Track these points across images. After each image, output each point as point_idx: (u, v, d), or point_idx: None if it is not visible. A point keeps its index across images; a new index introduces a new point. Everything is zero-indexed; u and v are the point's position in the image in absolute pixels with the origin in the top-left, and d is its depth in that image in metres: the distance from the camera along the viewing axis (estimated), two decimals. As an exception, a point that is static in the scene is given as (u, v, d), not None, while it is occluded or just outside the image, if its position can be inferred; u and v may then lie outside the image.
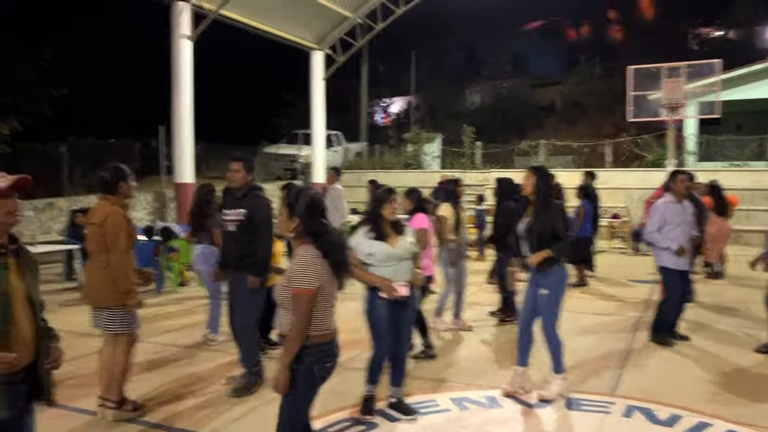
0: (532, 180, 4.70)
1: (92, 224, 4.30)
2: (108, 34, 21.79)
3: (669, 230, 6.06)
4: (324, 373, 3.03)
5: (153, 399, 4.79)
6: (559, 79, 30.19)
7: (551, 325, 4.79)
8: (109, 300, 4.26)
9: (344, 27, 18.14)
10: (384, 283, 4.17)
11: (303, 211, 2.96)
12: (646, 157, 18.07)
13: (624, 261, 12.51)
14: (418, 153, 20.57)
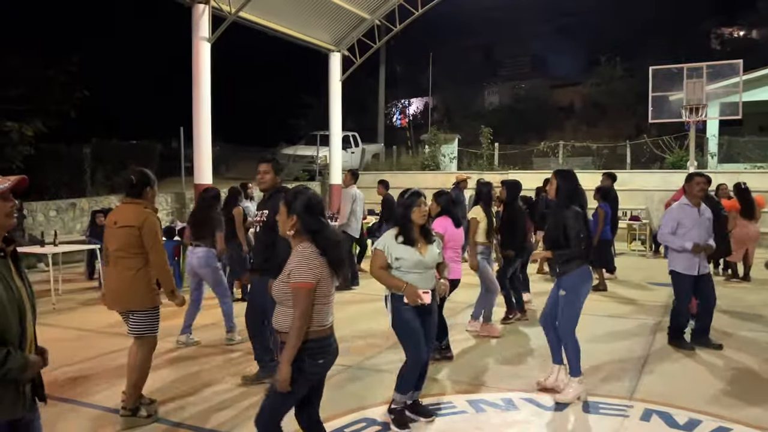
0: (555, 184, 4.83)
1: (124, 226, 4.29)
2: (130, 37, 22.07)
3: (683, 233, 5.96)
4: (316, 369, 3.07)
5: (170, 397, 4.85)
6: (578, 79, 29.96)
7: (568, 327, 4.80)
8: (141, 302, 4.30)
9: (362, 28, 18.19)
10: (409, 289, 4.08)
11: (301, 210, 3.05)
12: (666, 158, 17.87)
13: (643, 263, 12.39)
14: (435, 154, 20.54)
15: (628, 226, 14.29)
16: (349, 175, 10.09)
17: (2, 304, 2.27)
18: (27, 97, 14.69)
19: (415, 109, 33.99)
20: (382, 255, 4.16)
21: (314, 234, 3.06)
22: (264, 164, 4.99)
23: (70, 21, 19.41)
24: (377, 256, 4.20)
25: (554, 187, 4.82)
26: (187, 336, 6.36)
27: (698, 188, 6.01)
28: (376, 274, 4.19)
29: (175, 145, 17.32)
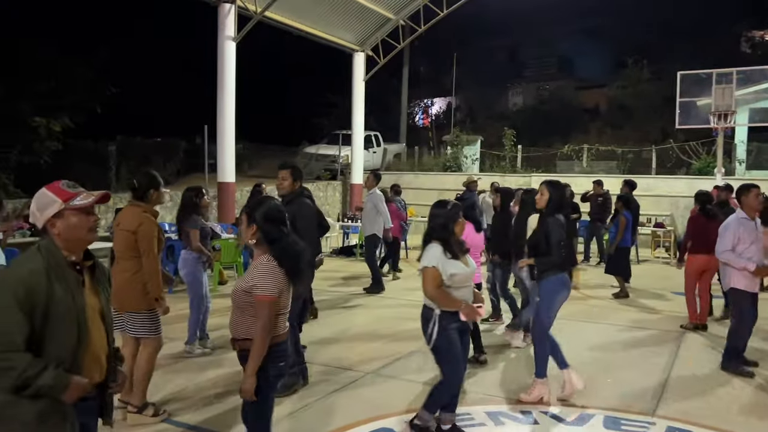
0: (546, 195, 4.87)
1: (123, 230, 4.36)
2: (156, 36, 22.31)
3: (742, 250, 5.58)
4: (277, 372, 3.18)
5: (183, 400, 4.88)
6: (604, 81, 29.60)
7: (540, 330, 4.94)
8: (136, 304, 4.34)
9: (387, 29, 18.17)
10: (468, 306, 3.98)
11: (261, 219, 3.14)
12: (693, 164, 17.56)
13: (667, 272, 12.16)
14: (457, 155, 20.43)
15: (652, 232, 14.10)
16: (372, 177, 10.03)
17: (57, 318, 2.22)
18: (55, 92, 14.92)
19: (438, 109, 33.89)
20: (437, 273, 3.92)
21: (272, 243, 3.14)
22: (283, 171, 5.09)
23: (97, 18, 19.67)
24: (432, 275, 3.93)
25: (545, 197, 4.89)
26: (191, 345, 6.09)
27: (757, 200, 5.70)
28: (433, 293, 3.93)
29: (198, 142, 17.48)
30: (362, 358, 5.98)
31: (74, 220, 2.34)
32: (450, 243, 4.01)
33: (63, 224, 2.33)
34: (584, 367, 5.81)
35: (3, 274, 2.24)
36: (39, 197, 2.36)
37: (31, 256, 2.30)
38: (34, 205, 2.34)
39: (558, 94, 30.40)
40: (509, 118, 27.25)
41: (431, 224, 4.13)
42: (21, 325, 2.15)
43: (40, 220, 2.34)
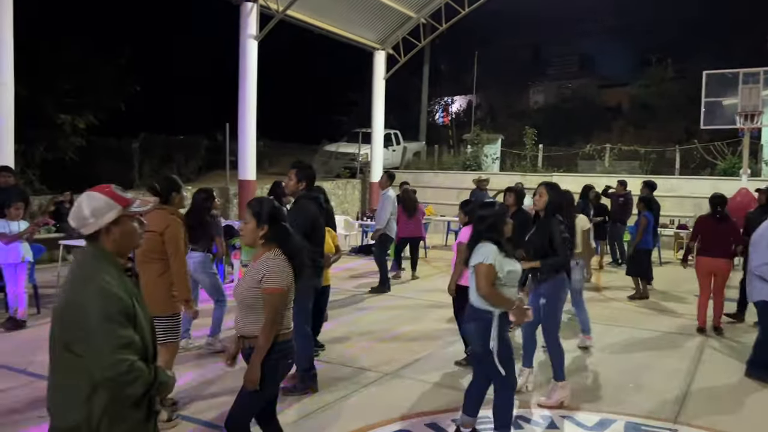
0: (545, 197, 4.95)
1: (149, 231, 4.34)
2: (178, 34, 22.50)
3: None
4: (285, 371, 3.31)
5: (201, 398, 4.92)
6: (626, 80, 29.23)
7: (552, 333, 4.96)
8: (162, 308, 4.28)
9: (408, 27, 18.14)
10: (520, 306, 3.93)
11: (268, 219, 3.22)
12: (717, 164, 17.27)
13: (690, 274, 11.97)
14: (477, 154, 20.32)
15: (675, 234, 13.90)
16: (385, 177, 10.02)
17: (141, 322, 2.26)
18: (80, 90, 15.14)
19: (458, 107, 33.75)
20: (493, 270, 3.83)
21: (283, 241, 3.23)
22: (291, 170, 5.10)
23: (121, 17, 19.89)
24: (488, 272, 3.83)
25: (544, 198, 4.95)
26: (186, 340, 6.07)
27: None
28: (488, 291, 3.83)
29: (220, 139, 17.62)
30: (381, 358, 5.98)
31: (130, 226, 2.33)
32: (502, 242, 3.99)
33: (119, 230, 2.28)
34: (605, 371, 5.78)
35: (93, 285, 2.15)
36: (94, 202, 2.25)
37: (99, 264, 2.23)
38: (87, 211, 2.24)
39: (580, 92, 30.09)
40: (530, 117, 27.01)
41: (481, 225, 4.07)
42: (132, 334, 2.20)
43: (93, 226, 2.24)
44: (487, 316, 3.85)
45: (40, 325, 6.91)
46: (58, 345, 2.18)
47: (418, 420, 4.54)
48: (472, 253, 4.00)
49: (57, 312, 2.21)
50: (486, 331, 3.82)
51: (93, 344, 2.10)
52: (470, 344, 3.98)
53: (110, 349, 2.11)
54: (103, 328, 2.11)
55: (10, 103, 9.57)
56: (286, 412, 4.56)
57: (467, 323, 4.05)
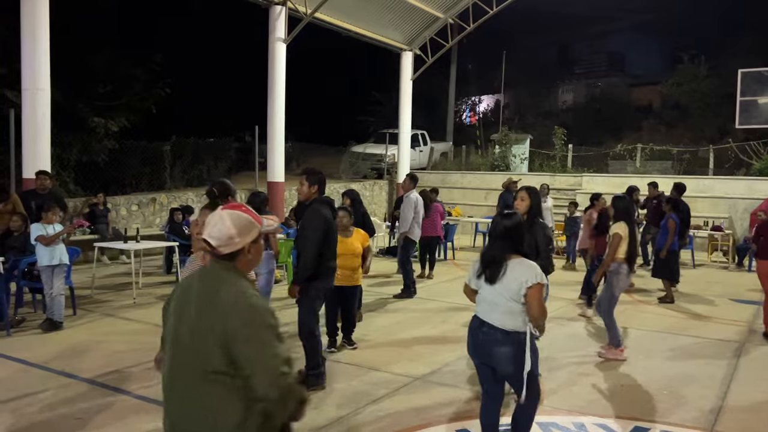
0: (528, 201, 4.99)
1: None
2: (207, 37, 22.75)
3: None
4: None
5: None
6: (657, 78, 28.72)
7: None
8: None
9: (435, 27, 18.10)
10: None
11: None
12: (753, 164, 16.87)
13: (725, 277, 11.79)
14: (505, 154, 20.19)
15: (709, 236, 13.63)
16: (408, 180, 9.93)
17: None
18: (113, 94, 15.43)
19: (486, 107, 33.55)
20: (540, 286, 3.66)
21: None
22: (302, 177, 5.21)
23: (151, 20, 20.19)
24: (541, 292, 3.64)
25: (527, 203, 4.99)
26: None
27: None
28: (544, 312, 3.65)
29: (248, 140, 17.80)
30: (409, 363, 5.97)
31: (261, 245, 2.32)
32: (530, 255, 3.86)
33: (255, 249, 2.26)
34: (637, 377, 5.69)
35: (249, 303, 2.10)
36: (240, 221, 2.20)
37: (242, 281, 2.20)
38: (235, 230, 2.17)
39: (609, 91, 29.65)
40: (558, 116, 26.74)
41: (518, 240, 3.79)
42: (287, 350, 2.13)
43: (237, 245, 2.18)
44: (521, 338, 3.65)
45: (77, 326, 7.07)
46: (205, 364, 2.06)
47: (448, 426, 4.53)
48: (507, 269, 3.67)
49: (205, 329, 2.07)
50: (522, 353, 3.62)
51: (265, 359, 2.03)
52: (499, 367, 3.69)
53: (279, 362, 2.03)
54: (272, 341, 2.06)
55: (47, 107, 9.80)
56: (315, 418, 4.58)
57: (498, 348, 3.66)
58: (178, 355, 2.14)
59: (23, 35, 9.63)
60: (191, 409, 2.09)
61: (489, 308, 3.71)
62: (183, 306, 2.19)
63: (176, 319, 2.19)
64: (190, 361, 2.09)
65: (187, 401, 2.09)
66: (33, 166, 9.42)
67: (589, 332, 7.38)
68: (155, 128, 16.35)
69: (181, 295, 2.25)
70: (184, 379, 2.11)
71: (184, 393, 2.11)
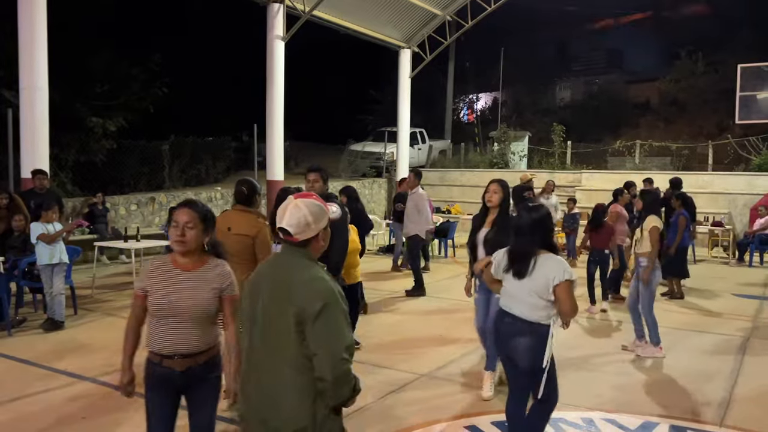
0: (500, 194, 4.94)
1: (240, 234, 4.42)
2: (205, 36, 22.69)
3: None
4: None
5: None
6: (655, 75, 28.71)
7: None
8: None
9: (433, 25, 18.05)
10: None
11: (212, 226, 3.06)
12: (752, 160, 16.87)
13: (726, 272, 11.77)
14: (504, 152, 20.17)
15: (709, 231, 13.62)
16: (413, 176, 9.87)
17: None
18: (111, 94, 15.36)
19: (484, 104, 33.49)
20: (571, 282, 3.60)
21: (215, 247, 3.11)
22: (313, 173, 5.15)
23: (148, 19, 20.12)
24: (571, 287, 3.56)
25: (499, 195, 4.96)
26: None
27: None
28: (576, 307, 3.57)
29: (246, 139, 17.75)
30: (415, 359, 5.94)
31: (329, 231, 2.41)
32: (558, 250, 3.78)
33: (325, 235, 2.37)
34: (647, 373, 5.67)
35: (325, 286, 2.22)
36: (314, 208, 2.29)
37: (317, 266, 2.31)
38: (311, 217, 2.27)
39: (607, 88, 29.60)
40: (557, 113, 26.70)
41: (547, 235, 3.73)
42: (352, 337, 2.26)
43: (312, 232, 2.29)
44: (543, 330, 3.57)
45: (78, 326, 7.03)
46: (283, 344, 2.18)
47: (456, 422, 4.50)
48: (535, 265, 3.58)
49: (282, 311, 2.19)
50: (542, 346, 3.56)
51: (332, 341, 2.14)
52: (518, 360, 3.63)
53: (343, 348, 2.14)
54: (343, 326, 2.16)
55: (45, 106, 9.73)
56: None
57: (518, 338, 3.61)
58: (257, 337, 2.25)
59: (21, 34, 9.56)
60: (281, 376, 2.19)
61: (513, 301, 3.68)
62: (257, 292, 2.30)
63: (251, 304, 2.30)
64: (269, 341, 2.22)
65: (268, 379, 2.21)
66: (31, 166, 9.34)
67: (593, 328, 7.36)
68: (153, 128, 16.30)
69: (255, 282, 2.35)
70: (264, 359, 2.22)
71: (264, 371, 2.23)
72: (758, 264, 12.39)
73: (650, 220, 6.24)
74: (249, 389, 2.30)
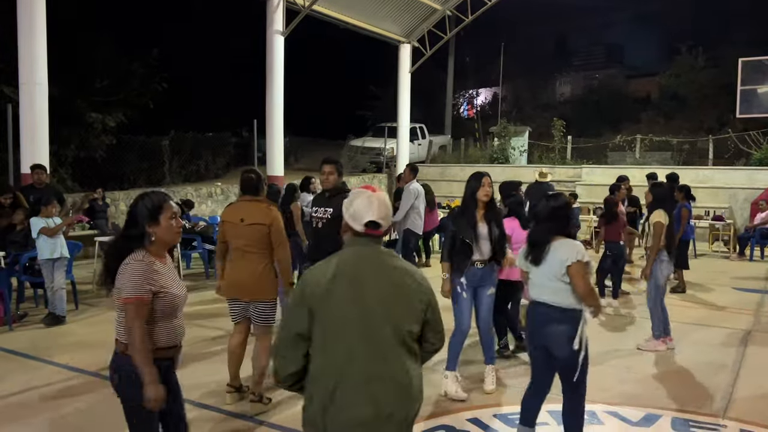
0: (491, 187, 4.89)
1: (256, 223, 4.48)
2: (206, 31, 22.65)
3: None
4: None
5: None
6: (655, 69, 28.71)
7: (491, 321, 5.06)
8: (271, 293, 4.55)
9: (433, 19, 18.02)
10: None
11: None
12: (753, 154, 16.85)
13: (727, 266, 11.77)
14: (504, 147, 20.14)
15: (710, 226, 13.61)
16: (408, 171, 9.79)
17: None
18: (110, 89, 15.32)
19: (484, 99, 33.46)
20: (585, 266, 3.63)
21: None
22: (329, 165, 5.09)
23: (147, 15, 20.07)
24: (584, 268, 3.60)
25: (491, 189, 4.95)
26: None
27: None
28: (591, 289, 3.61)
29: (246, 134, 17.73)
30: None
31: None
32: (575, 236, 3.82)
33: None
34: (651, 366, 5.67)
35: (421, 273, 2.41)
36: (389, 202, 2.41)
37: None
38: (391, 209, 2.40)
39: (607, 83, 29.64)
40: (557, 108, 26.71)
41: (564, 222, 3.76)
42: None
43: (390, 223, 2.39)
44: (576, 315, 3.60)
45: (80, 321, 7.02)
46: (403, 331, 2.26)
47: (459, 415, 4.49)
48: (550, 250, 3.65)
49: (404, 301, 2.28)
50: (575, 332, 3.58)
51: (440, 320, 2.39)
52: (555, 349, 3.66)
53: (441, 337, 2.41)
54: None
55: (44, 101, 9.71)
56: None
57: (555, 326, 3.62)
58: (368, 327, 2.21)
59: (20, 29, 9.54)
60: (391, 370, 2.23)
61: (540, 289, 3.73)
62: (359, 285, 2.24)
63: (356, 297, 2.22)
64: (386, 338, 2.23)
65: (386, 364, 2.23)
66: (31, 161, 9.31)
67: (598, 321, 7.34)
68: (153, 123, 16.26)
69: (351, 277, 2.25)
70: (380, 348, 2.23)
71: (388, 367, 2.24)
72: (759, 258, 12.39)
73: (655, 215, 6.22)
74: (375, 389, 2.21)
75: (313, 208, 5.19)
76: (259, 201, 4.61)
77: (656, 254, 6.07)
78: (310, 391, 2.24)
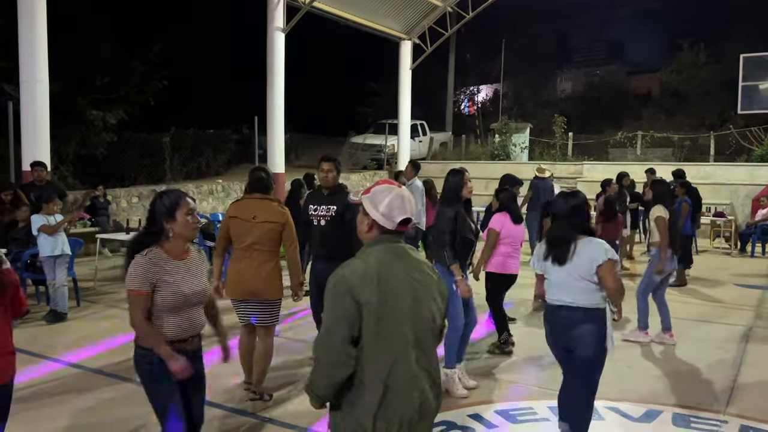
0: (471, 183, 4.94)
1: (269, 222, 4.45)
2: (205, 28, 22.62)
3: None
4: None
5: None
6: (656, 66, 28.66)
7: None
8: (275, 292, 4.53)
9: (434, 16, 17.98)
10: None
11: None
12: (754, 150, 16.83)
13: (728, 262, 11.76)
14: (505, 143, 20.12)
15: (711, 222, 13.60)
16: (410, 167, 9.78)
17: None
18: (111, 86, 15.30)
19: (485, 96, 33.42)
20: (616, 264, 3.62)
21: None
22: (327, 163, 5.07)
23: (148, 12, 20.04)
24: (615, 267, 3.58)
25: (473, 186, 5.05)
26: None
27: None
28: (621, 286, 3.57)
29: (246, 131, 17.71)
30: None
31: None
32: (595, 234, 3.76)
33: None
34: (651, 362, 5.68)
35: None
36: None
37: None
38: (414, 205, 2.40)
39: (608, 79, 29.60)
40: (558, 105, 26.67)
41: (584, 220, 3.74)
42: None
43: (381, 219, 2.27)
44: (601, 314, 3.58)
45: (81, 317, 7.04)
46: (437, 324, 2.35)
47: (461, 411, 4.50)
48: (576, 249, 3.58)
49: (434, 293, 2.33)
50: (602, 330, 3.56)
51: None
52: (580, 350, 3.60)
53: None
54: None
55: (45, 99, 9.71)
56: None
57: (579, 327, 3.58)
58: (416, 325, 2.23)
59: (21, 27, 9.54)
60: (432, 366, 2.30)
61: (562, 290, 3.65)
62: (402, 283, 2.23)
63: (402, 296, 2.22)
64: (427, 334, 2.29)
65: (428, 360, 2.28)
66: (32, 158, 9.32)
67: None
68: (154, 120, 16.23)
69: (394, 276, 2.21)
70: (424, 345, 2.27)
71: (432, 363, 2.31)
72: (760, 254, 12.38)
73: (655, 210, 6.23)
74: (423, 386, 2.23)
75: (311, 206, 5.11)
76: (270, 199, 4.58)
77: (667, 248, 6.08)
78: (354, 395, 2.17)
